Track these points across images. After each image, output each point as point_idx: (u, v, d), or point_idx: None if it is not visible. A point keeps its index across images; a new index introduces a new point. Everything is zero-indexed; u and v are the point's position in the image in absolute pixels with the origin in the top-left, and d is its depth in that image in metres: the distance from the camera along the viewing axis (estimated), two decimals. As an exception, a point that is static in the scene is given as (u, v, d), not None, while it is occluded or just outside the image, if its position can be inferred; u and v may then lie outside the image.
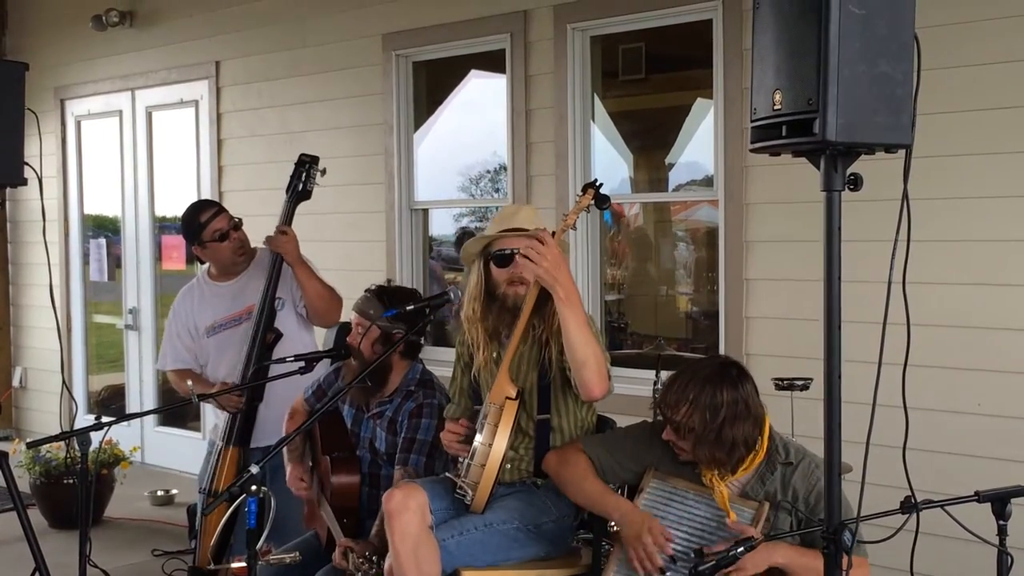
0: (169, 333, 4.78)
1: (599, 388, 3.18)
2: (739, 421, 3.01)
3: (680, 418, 3.02)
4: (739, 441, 3.02)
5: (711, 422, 2.99)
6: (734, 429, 3.00)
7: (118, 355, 8.64)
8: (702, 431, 3.00)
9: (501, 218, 3.49)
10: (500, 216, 3.54)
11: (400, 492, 3.26)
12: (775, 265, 4.98)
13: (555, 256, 3.08)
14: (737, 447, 3.03)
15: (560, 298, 3.09)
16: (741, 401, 3.02)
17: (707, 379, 3.03)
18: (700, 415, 2.99)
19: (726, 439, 3.00)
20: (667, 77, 6.44)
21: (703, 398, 3.00)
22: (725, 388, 3.02)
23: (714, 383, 3.02)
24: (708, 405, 2.99)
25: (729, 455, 3.03)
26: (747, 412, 3.03)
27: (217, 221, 4.59)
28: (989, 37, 4.33)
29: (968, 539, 2.68)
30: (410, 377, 3.93)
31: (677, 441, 3.08)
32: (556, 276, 3.08)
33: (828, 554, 2.29)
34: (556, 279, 3.08)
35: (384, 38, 6.50)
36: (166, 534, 6.32)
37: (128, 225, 8.45)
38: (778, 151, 2.37)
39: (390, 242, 6.55)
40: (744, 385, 3.07)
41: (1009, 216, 4.31)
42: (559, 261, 3.09)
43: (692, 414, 3.00)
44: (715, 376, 3.04)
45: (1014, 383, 4.31)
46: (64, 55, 8.63)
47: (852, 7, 2.14)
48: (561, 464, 3.31)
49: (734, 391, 3.03)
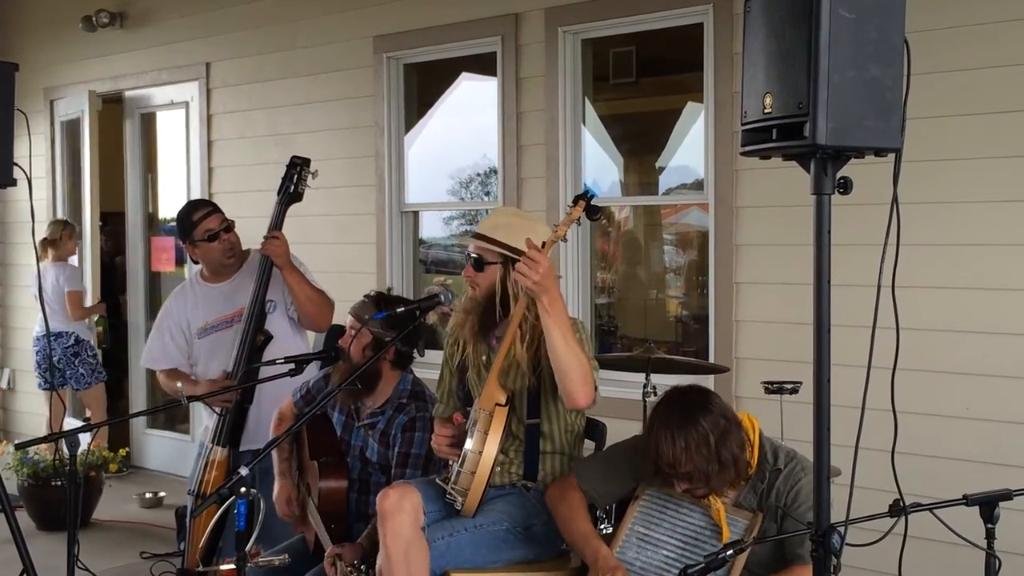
0: (160, 332, 4.75)
1: (583, 397, 3.18)
2: (728, 436, 3.02)
3: (685, 468, 3.02)
4: (736, 453, 3.04)
5: (709, 455, 2.99)
6: (728, 446, 3.01)
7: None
8: (706, 467, 3.01)
9: (484, 220, 3.54)
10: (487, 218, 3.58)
11: (395, 492, 3.26)
12: (765, 269, 4.99)
13: (547, 269, 3.09)
14: (738, 459, 3.04)
15: (544, 306, 3.10)
16: (720, 416, 3.04)
17: (683, 420, 3.01)
18: (698, 455, 2.99)
19: (726, 460, 3.01)
20: (658, 81, 6.46)
21: (691, 440, 2.99)
22: (701, 417, 3.02)
23: (690, 419, 3.01)
24: (698, 443, 2.99)
25: (736, 469, 3.05)
26: (728, 424, 3.04)
27: (209, 221, 4.59)
28: (978, 42, 4.34)
29: (956, 543, 2.69)
30: (401, 388, 3.91)
31: (693, 489, 3.09)
32: (545, 287, 3.09)
33: (817, 557, 2.29)
34: (545, 289, 3.09)
35: (375, 40, 6.50)
36: (155, 536, 6.30)
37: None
38: (768, 155, 2.37)
39: (380, 245, 6.54)
40: (711, 401, 3.09)
41: (999, 220, 4.33)
42: (550, 273, 3.10)
43: (692, 459, 3.00)
44: (687, 412, 3.03)
45: (1002, 387, 4.32)
46: (54, 56, 8.61)
47: (842, 11, 2.14)
48: (558, 500, 3.32)
49: (709, 414, 3.03)
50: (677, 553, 3.11)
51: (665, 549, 3.15)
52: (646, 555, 3.17)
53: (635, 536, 3.20)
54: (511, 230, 3.39)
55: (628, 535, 3.21)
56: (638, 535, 3.20)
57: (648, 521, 3.20)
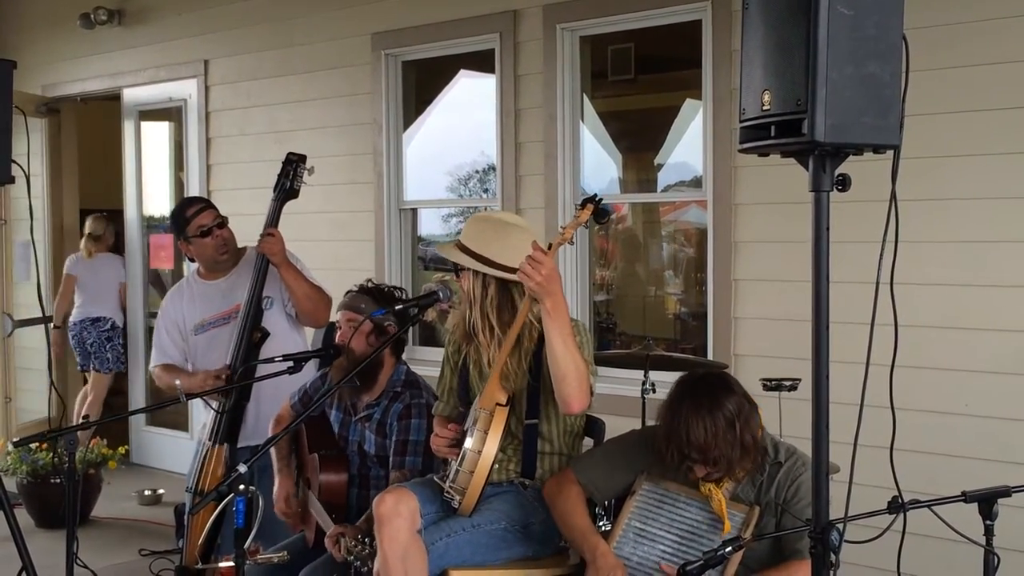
0: (157, 329, 4.80)
1: (577, 403, 3.18)
2: (750, 420, 3.05)
3: (714, 453, 3.01)
4: (757, 436, 3.08)
5: (734, 440, 3.01)
6: (751, 429, 3.04)
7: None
8: (730, 452, 3.01)
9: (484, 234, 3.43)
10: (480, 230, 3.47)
11: (391, 497, 3.25)
12: (763, 266, 4.98)
13: (550, 271, 3.08)
14: (757, 443, 3.08)
15: (547, 310, 3.10)
16: (742, 398, 3.06)
17: (712, 405, 3.01)
18: (724, 441, 3.00)
19: (748, 444, 3.04)
20: (656, 78, 6.46)
21: (719, 424, 2.99)
22: (726, 401, 3.03)
23: (718, 404, 3.02)
24: (726, 427, 2.99)
25: (754, 454, 3.07)
26: (751, 409, 3.07)
27: (202, 217, 4.60)
28: (977, 38, 4.34)
29: (955, 539, 2.69)
30: (395, 379, 3.92)
31: (712, 472, 3.07)
32: (549, 290, 3.08)
33: (816, 554, 2.29)
34: (548, 292, 3.08)
35: (373, 37, 6.50)
36: (153, 534, 6.30)
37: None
38: (767, 151, 2.37)
39: (379, 242, 6.54)
40: (730, 383, 3.11)
41: (997, 217, 4.33)
42: (553, 276, 3.09)
43: (720, 444, 3.00)
44: (714, 397, 3.03)
45: (1001, 383, 4.32)
46: (52, 53, 8.60)
47: (841, 8, 2.14)
48: (556, 495, 3.32)
49: (733, 395, 3.05)
50: (674, 548, 3.11)
51: (662, 544, 3.15)
52: (643, 550, 3.17)
53: (632, 531, 3.20)
54: (505, 248, 3.36)
55: (625, 530, 3.21)
56: (635, 530, 3.20)
57: (645, 516, 3.19)
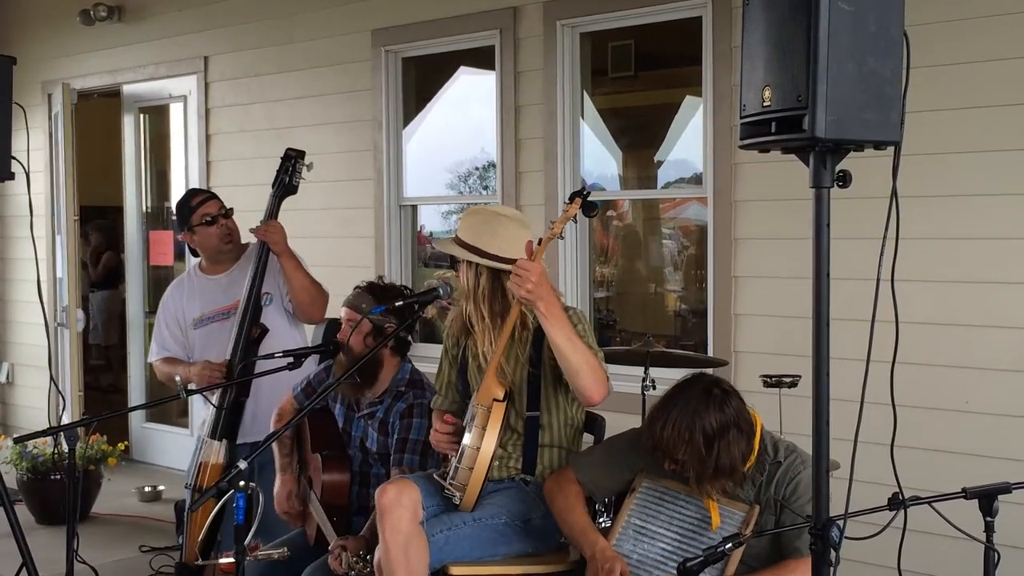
0: (157, 323, 4.80)
1: (598, 393, 3.18)
2: (733, 445, 3.01)
3: (681, 456, 3.01)
4: (736, 462, 3.03)
5: (707, 457, 2.99)
6: (730, 454, 3.00)
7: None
8: (700, 468, 3.00)
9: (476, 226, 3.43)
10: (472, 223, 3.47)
11: (394, 488, 3.26)
12: (764, 262, 4.98)
13: (538, 276, 3.08)
14: (736, 467, 3.04)
15: (542, 313, 3.10)
16: (732, 424, 3.02)
17: (695, 411, 3.00)
18: (696, 453, 2.98)
19: (723, 467, 3.01)
20: (656, 74, 6.45)
21: (696, 435, 2.97)
22: (713, 415, 3.00)
23: (702, 413, 2.99)
24: (703, 442, 2.97)
25: (731, 476, 3.05)
26: (739, 434, 3.02)
27: (207, 206, 4.63)
28: (978, 35, 4.34)
29: (955, 536, 2.69)
30: (399, 377, 3.93)
31: (681, 471, 3.08)
32: (539, 294, 3.08)
33: (816, 551, 2.29)
34: (539, 297, 3.08)
35: (373, 34, 6.49)
36: (154, 530, 6.31)
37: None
38: (767, 148, 2.37)
39: (379, 238, 6.54)
40: (730, 403, 3.06)
41: (998, 214, 4.32)
42: (542, 280, 3.09)
43: (689, 453, 2.99)
44: (702, 405, 3.01)
45: (1001, 380, 4.32)
46: (51, 49, 8.59)
47: (842, 4, 2.14)
48: (555, 493, 3.32)
49: (722, 415, 3.01)
50: (674, 546, 3.11)
51: (662, 541, 3.15)
52: (643, 547, 3.17)
53: (632, 528, 3.20)
54: (496, 240, 3.36)
55: (625, 527, 3.21)
56: (635, 527, 3.20)
57: (645, 513, 3.19)
